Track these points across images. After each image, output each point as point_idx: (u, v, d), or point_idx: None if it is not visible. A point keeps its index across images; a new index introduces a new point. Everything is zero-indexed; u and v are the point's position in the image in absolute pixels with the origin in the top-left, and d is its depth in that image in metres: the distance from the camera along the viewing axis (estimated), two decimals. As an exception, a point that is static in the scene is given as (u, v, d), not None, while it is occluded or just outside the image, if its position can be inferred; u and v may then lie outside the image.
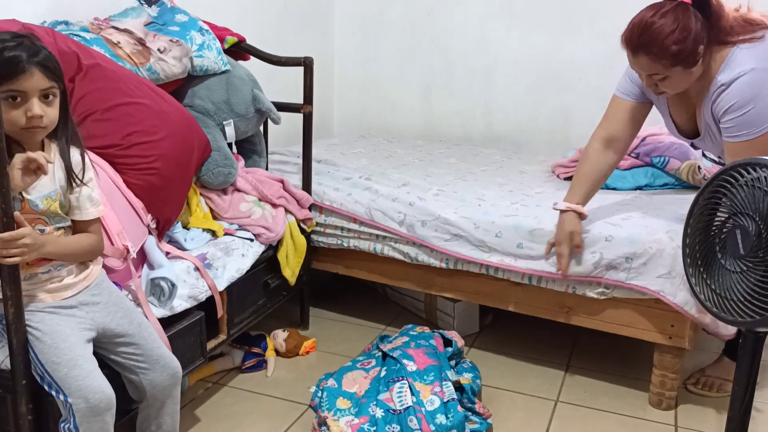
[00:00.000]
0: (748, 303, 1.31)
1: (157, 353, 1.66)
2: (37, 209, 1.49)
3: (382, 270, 2.65)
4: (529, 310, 2.41)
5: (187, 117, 2.15)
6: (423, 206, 2.47)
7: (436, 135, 3.81)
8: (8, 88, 1.39)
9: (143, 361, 1.64)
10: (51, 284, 1.55)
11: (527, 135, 3.63)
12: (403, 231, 2.48)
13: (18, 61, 1.39)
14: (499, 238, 2.31)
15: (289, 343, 2.51)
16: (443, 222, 2.40)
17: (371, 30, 3.85)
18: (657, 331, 2.17)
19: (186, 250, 2.08)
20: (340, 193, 2.63)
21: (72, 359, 1.49)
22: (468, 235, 2.36)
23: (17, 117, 1.41)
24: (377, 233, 2.56)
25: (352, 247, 2.63)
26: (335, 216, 2.64)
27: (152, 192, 1.94)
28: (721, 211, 1.40)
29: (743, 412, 1.44)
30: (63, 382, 1.47)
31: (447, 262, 2.45)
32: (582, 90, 3.45)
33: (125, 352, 1.63)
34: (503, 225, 2.32)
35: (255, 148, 2.67)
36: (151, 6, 2.42)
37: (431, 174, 2.87)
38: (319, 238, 2.69)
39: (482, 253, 2.35)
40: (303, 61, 2.58)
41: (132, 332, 1.64)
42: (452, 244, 2.40)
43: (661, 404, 2.23)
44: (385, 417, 1.92)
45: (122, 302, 1.68)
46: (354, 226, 2.60)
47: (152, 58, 2.18)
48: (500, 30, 3.57)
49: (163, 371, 1.66)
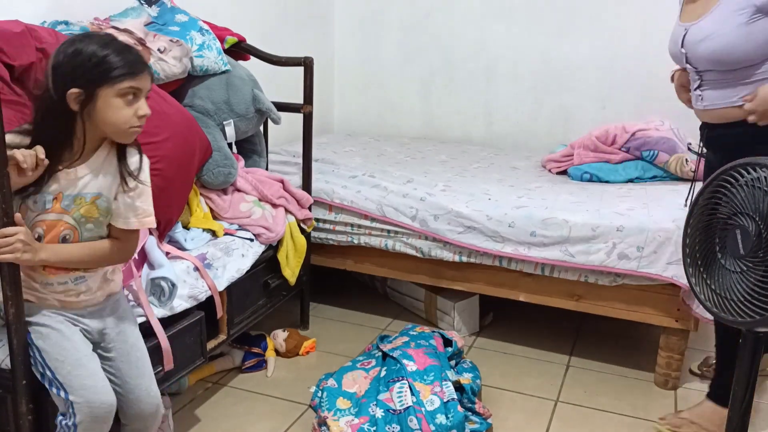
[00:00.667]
0: (748, 303, 1.31)
1: (134, 383, 1.58)
2: (69, 209, 1.46)
3: (391, 265, 2.68)
4: (540, 300, 2.48)
5: (189, 119, 2.15)
6: (434, 201, 2.52)
7: (436, 135, 3.82)
8: (131, 85, 1.41)
9: (119, 385, 1.57)
10: (66, 297, 1.53)
11: (527, 135, 3.64)
12: (416, 225, 2.53)
13: (142, 60, 1.44)
14: (513, 227, 2.38)
15: (289, 343, 2.51)
16: (456, 215, 2.46)
17: (371, 30, 3.85)
18: (664, 315, 2.29)
19: (186, 250, 2.08)
20: (349, 191, 2.66)
21: (78, 359, 1.49)
22: (481, 226, 2.42)
23: (128, 116, 1.42)
24: (389, 229, 2.59)
25: (363, 243, 2.66)
26: (345, 213, 2.66)
27: (154, 193, 1.93)
28: (721, 211, 1.40)
29: (743, 412, 1.44)
30: (65, 379, 1.46)
31: (460, 255, 2.49)
32: (582, 90, 3.46)
33: (106, 365, 1.58)
34: (515, 215, 2.40)
35: (255, 148, 2.67)
36: (151, 6, 2.42)
37: (429, 171, 2.91)
38: (329, 235, 2.71)
39: (496, 244, 2.41)
40: (303, 61, 2.58)
41: (115, 355, 1.58)
42: (466, 236, 2.45)
43: (667, 384, 2.35)
44: (385, 417, 1.92)
45: (124, 326, 1.63)
46: (365, 222, 2.63)
47: (152, 58, 2.18)
48: (500, 30, 3.57)
49: (136, 403, 1.57)
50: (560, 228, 2.33)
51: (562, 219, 2.34)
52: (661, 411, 2.21)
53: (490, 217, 2.42)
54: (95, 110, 1.40)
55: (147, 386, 1.60)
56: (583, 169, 2.85)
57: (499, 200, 2.51)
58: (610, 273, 2.29)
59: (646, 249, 2.22)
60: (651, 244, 2.21)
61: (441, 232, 2.48)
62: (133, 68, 1.41)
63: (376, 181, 2.69)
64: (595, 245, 2.28)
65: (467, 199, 2.52)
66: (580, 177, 2.84)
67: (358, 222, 2.65)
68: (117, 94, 1.40)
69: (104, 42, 1.40)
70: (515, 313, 2.89)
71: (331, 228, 2.70)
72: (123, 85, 1.40)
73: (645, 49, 3.24)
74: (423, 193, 2.57)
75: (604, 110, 3.44)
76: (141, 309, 1.78)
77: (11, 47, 1.73)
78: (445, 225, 2.48)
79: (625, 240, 2.24)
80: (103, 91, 1.39)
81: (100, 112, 1.40)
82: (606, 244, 2.26)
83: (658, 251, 2.21)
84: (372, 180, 2.70)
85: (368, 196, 2.62)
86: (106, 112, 1.40)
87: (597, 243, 2.28)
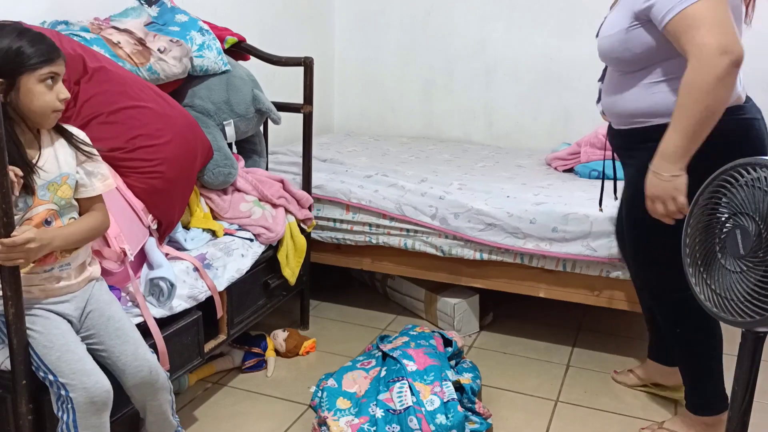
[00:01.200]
0: (748, 303, 1.30)
1: (119, 350, 1.61)
2: (46, 198, 1.51)
3: (409, 263, 2.69)
4: (560, 295, 2.50)
5: (191, 121, 2.15)
6: (453, 199, 2.53)
7: (436, 135, 3.82)
8: (50, 70, 1.48)
9: (106, 357, 1.62)
10: (48, 284, 1.56)
11: (527, 135, 3.64)
12: (437, 224, 2.54)
13: (55, 47, 1.51)
14: (534, 224, 2.40)
15: (289, 343, 2.51)
16: (476, 213, 2.47)
17: (371, 30, 3.85)
18: None
19: (186, 250, 2.08)
20: (367, 191, 2.66)
21: (65, 344, 1.52)
22: (503, 223, 2.43)
23: (51, 99, 1.49)
24: (408, 228, 2.60)
25: (382, 243, 2.67)
26: (363, 213, 2.66)
27: (156, 195, 1.94)
28: (721, 211, 1.40)
29: (743, 412, 1.44)
30: (55, 365, 1.48)
31: (481, 252, 2.50)
32: (582, 90, 3.45)
33: (91, 343, 1.62)
34: (536, 211, 2.41)
35: (255, 148, 2.67)
36: (151, 6, 2.42)
37: (437, 171, 2.91)
38: (346, 236, 2.72)
39: (517, 240, 2.43)
40: (303, 61, 2.58)
41: (94, 332, 1.62)
42: (487, 233, 2.46)
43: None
44: (385, 417, 1.92)
45: (100, 303, 1.66)
46: (384, 221, 2.63)
47: (152, 58, 2.18)
48: (500, 30, 3.57)
49: (127, 370, 1.61)
50: (581, 223, 2.34)
51: (583, 214, 2.35)
52: (661, 411, 2.21)
53: (510, 214, 2.43)
54: (20, 99, 1.46)
55: (133, 351, 1.63)
56: (590, 167, 2.85)
57: (517, 197, 2.52)
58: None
59: None
60: None
61: (462, 230, 2.49)
62: (50, 55, 1.48)
63: (392, 180, 2.69)
64: (614, 240, 2.29)
65: (485, 197, 2.53)
66: (588, 174, 2.84)
67: (377, 222, 2.65)
68: (38, 80, 1.46)
69: (17, 32, 1.47)
70: (515, 313, 2.89)
71: (349, 228, 2.70)
72: (43, 72, 1.47)
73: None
74: (441, 192, 2.57)
75: (604, 110, 3.44)
76: (138, 309, 1.78)
77: None
78: (466, 223, 2.48)
79: None
80: (24, 79, 1.45)
81: (25, 99, 1.46)
82: None
83: None
84: (387, 179, 2.70)
85: (386, 196, 2.62)
86: (30, 98, 1.47)
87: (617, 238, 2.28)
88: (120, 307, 1.71)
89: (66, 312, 1.58)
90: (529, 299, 2.64)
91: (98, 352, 1.62)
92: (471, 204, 2.49)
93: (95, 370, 1.53)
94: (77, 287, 1.61)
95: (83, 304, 1.62)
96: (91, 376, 1.50)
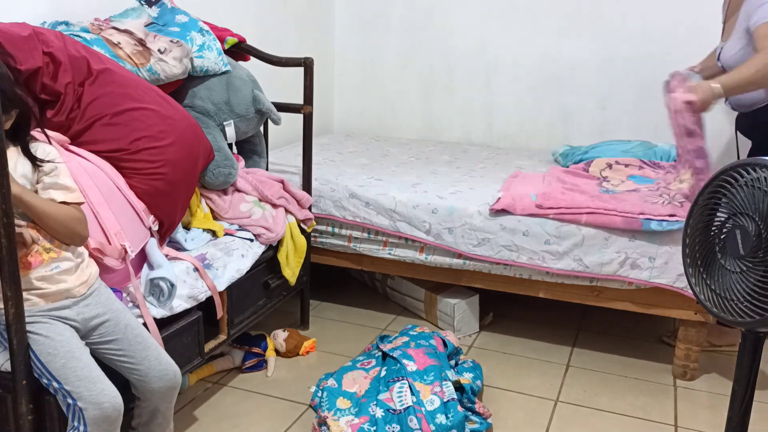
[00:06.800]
0: (748, 303, 1.30)
1: (141, 355, 1.63)
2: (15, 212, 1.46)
3: (409, 266, 2.68)
4: (560, 296, 2.51)
5: (193, 123, 2.15)
6: (446, 213, 2.52)
7: (436, 135, 3.82)
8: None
9: (129, 361, 1.63)
10: (47, 284, 1.54)
11: (527, 135, 3.64)
12: (431, 239, 2.55)
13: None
14: (527, 236, 2.41)
15: (289, 343, 2.51)
16: (470, 228, 2.48)
17: (371, 30, 3.86)
18: (683, 309, 2.35)
19: (186, 250, 2.08)
20: (360, 211, 2.64)
21: (69, 351, 1.51)
22: (496, 236, 2.45)
23: None
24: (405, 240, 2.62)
25: (381, 256, 2.68)
26: (357, 230, 2.68)
27: (158, 197, 1.94)
28: (721, 211, 1.40)
29: (743, 412, 1.44)
30: (60, 374, 1.47)
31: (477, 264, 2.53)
32: (582, 90, 3.46)
33: (111, 350, 1.62)
34: (529, 223, 2.42)
35: (255, 149, 2.67)
36: (151, 6, 2.42)
37: (436, 172, 2.91)
38: (344, 242, 2.72)
39: (511, 253, 2.44)
40: (303, 61, 2.58)
41: (114, 338, 1.62)
42: (482, 248, 2.48)
43: (685, 375, 2.42)
44: (385, 417, 1.92)
45: (113, 310, 1.66)
46: (379, 237, 2.65)
47: (152, 58, 2.18)
48: (500, 30, 3.57)
49: (152, 371, 1.64)
50: (573, 236, 2.36)
51: (576, 227, 2.36)
52: (661, 411, 2.21)
53: (503, 227, 2.44)
54: None
55: (156, 356, 1.67)
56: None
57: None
58: (623, 281, 2.36)
59: (658, 260, 2.28)
60: (662, 255, 2.27)
61: (457, 246, 2.51)
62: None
63: (384, 189, 2.66)
64: (607, 255, 2.33)
65: (480, 204, 2.50)
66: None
67: (373, 237, 2.67)
68: None
69: None
70: (515, 313, 2.89)
71: (346, 243, 2.72)
72: None
73: (645, 49, 3.25)
74: (434, 202, 2.55)
75: (604, 110, 3.44)
76: (139, 310, 1.78)
77: (19, 51, 1.72)
78: (460, 238, 2.50)
79: (637, 250, 2.30)
80: None
81: None
82: (618, 254, 2.31)
83: (669, 262, 2.27)
84: (382, 195, 2.64)
85: (380, 211, 2.62)
86: None
87: (609, 253, 2.33)
88: (131, 314, 1.71)
89: (68, 317, 1.57)
90: (529, 299, 2.64)
91: (120, 359, 1.62)
92: (465, 219, 2.48)
93: (101, 377, 1.52)
94: (77, 291, 1.60)
95: (88, 310, 1.60)
96: (97, 384, 1.50)
